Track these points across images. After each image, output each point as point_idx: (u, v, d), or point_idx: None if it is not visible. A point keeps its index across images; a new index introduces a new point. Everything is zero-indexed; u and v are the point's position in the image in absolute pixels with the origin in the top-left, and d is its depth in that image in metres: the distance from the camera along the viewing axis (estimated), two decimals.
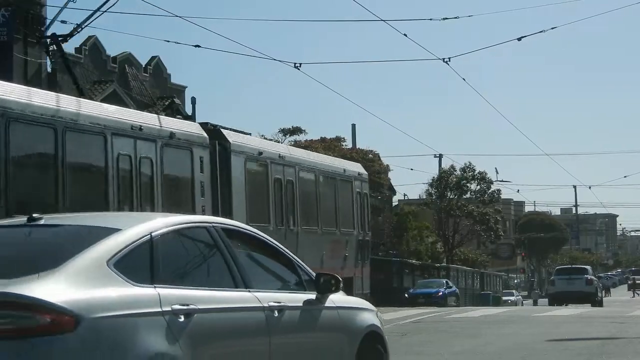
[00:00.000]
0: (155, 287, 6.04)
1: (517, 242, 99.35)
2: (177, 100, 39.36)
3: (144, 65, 41.51)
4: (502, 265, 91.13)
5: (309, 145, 47.67)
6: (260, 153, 21.25)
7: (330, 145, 49.92)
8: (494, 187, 64.84)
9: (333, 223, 25.01)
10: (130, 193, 17.23)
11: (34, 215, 6.56)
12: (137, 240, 6.19)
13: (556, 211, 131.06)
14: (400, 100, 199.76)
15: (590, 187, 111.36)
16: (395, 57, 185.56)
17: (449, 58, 27.49)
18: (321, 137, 52.19)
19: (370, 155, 53.67)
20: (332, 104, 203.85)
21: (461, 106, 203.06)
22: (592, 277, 49.29)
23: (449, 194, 62.85)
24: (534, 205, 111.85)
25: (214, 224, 7.11)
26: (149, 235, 6.29)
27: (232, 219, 17.68)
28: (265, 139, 47.47)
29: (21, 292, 5.30)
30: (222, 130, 20.36)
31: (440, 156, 62.44)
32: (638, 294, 71.58)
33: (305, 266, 8.07)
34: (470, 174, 63.14)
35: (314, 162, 24.54)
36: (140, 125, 17.45)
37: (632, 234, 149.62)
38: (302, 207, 22.90)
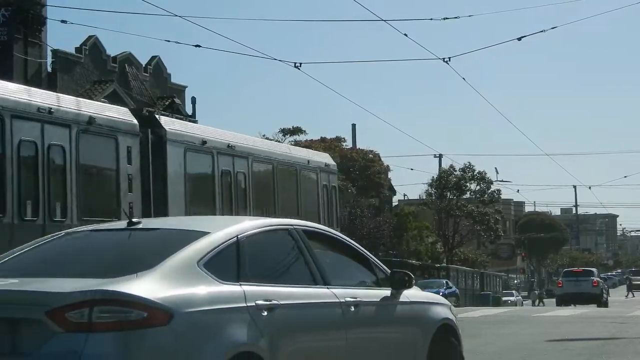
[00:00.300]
0: (240, 285, 6.59)
1: (517, 242, 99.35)
2: (177, 100, 39.36)
3: (144, 65, 41.52)
4: (502, 265, 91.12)
5: (309, 145, 47.67)
6: (204, 142, 18.92)
7: (330, 145, 49.91)
8: (493, 187, 64.90)
9: (294, 217, 23.57)
10: (35, 186, 15.15)
11: (133, 219, 7.27)
12: (225, 242, 6.78)
13: (556, 211, 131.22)
14: (400, 100, 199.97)
15: (590, 187, 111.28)
16: (395, 57, 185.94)
17: (449, 58, 27.44)
18: (321, 137, 52.21)
19: (370, 155, 53.69)
20: (332, 104, 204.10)
21: (461, 106, 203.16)
22: (598, 279, 51.76)
23: (448, 194, 62.86)
24: (534, 205, 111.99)
25: (295, 226, 7.70)
26: (236, 238, 6.89)
27: (167, 213, 16.95)
28: (267, 139, 47.53)
29: (121, 290, 5.86)
30: (157, 116, 18.11)
31: (440, 156, 62.51)
32: (633, 294, 71.82)
33: (381, 264, 8.55)
34: (470, 174, 63.17)
35: (271, 152, 22.15)
36: (50, 108, 15.38)
37: (632, 234, 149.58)
38: (256, 203, 20.72)
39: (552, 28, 41.74)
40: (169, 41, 35.67)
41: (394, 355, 8.18)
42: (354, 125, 56.38)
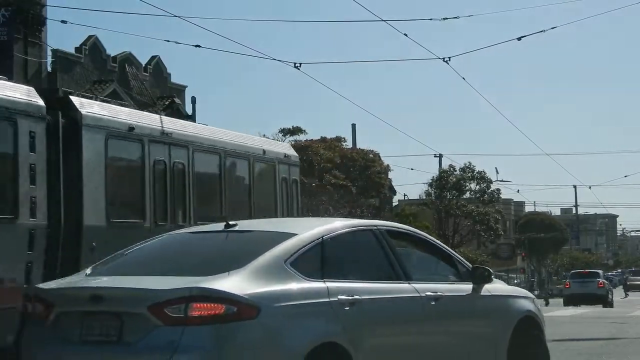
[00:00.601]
0: (324, 282, 7.16)
1: (517, 242, 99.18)
2: (177, 100, 39.39)
3: (144, 65, 41.52)
4: (502, 265, 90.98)
5: (309, 145, 47.62)
6: (132, 128, 16.23)
7: (330, 145, 49.88)
8: (493, 187, 64.87)
9: (246, 216, 19.52)
10: None
11: (229, 222, 7.95)
12: (311, 242, 7.39)
13: (556, 211, 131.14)
14: (400, 100, 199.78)
15: (590, 187, 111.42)
16: (395, 57, 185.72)
17: (449, 58, 27.41)
18: (321, 137, 52.14)
19: (371, 155, 53.63)
20: (332, 104, 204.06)
21: (461, 106, 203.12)
22: (604, 280, 54.19)
23: (448, 194, 62.83)
24: (534, 205, 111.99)
25: (378, 227, 8.31)
26: (321, 238, 7.49)
27: (82, 212, 14.82)
28: (267, 139, 47.50)
29: (214, 287, 6.46)
30: (71, 98, 15.81)
31: (440, 156, 62.45)
32: (627, 295, 72.34)
33: (463, 259, 9.10)
34: (469, 174, 63.14)
35: (218, 141, 19.33)
36: None
37: (632, 234, 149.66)
38: (198, 198, 18.16)
39: (552, 28, 41.92)
40: (169, 41, 35.68)
41: (473, 347, 8.57)
42: (354, 125, 56.32)
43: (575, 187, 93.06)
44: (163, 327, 6.35)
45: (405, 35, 26.85)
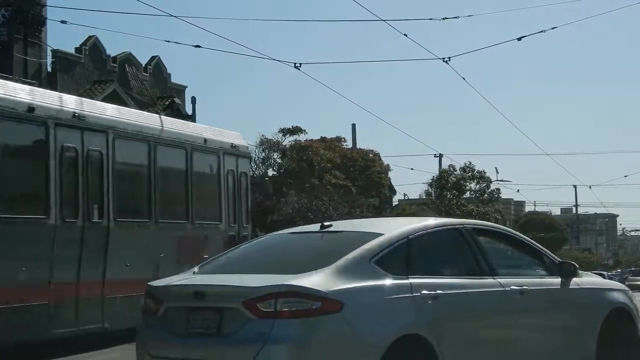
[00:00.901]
0: (408, 278, 7.62)
1: None
2: (177, 100, 39.40)
3: (144, 65, 41.54)
4: None
5: (309, 145, 47.61)
6: (32, 109, 13.92)
7: (330, 145, 49.87)
8: (493, 187, 64.93)
9: (181, 212, 17.82)
10: None
11: (324, 223, 8.59)
12: (396, 242, 7.88)
13: (556, 211, 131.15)
14: (400, 100, 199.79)
15: (590, 187, 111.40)
16: (395, 57, 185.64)
17: (449, 58, 27.39)
18: (321, 137, 52.12)
19: (371, 155, 53.62)
20: (332, 104, 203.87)
21: (461, 106, 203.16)
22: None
23: (447, 193, 62.87)
24: (534, 205, 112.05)
25: (465, 225, 8.77)
26: (406, 238, 7.98)
27: None
28: (266, 139, 47.48)
29: (300, 284, 7.06)
30: None
31: (440, 156, 62.41)
32: None
33: (551, 254, 9.40)
34: (469, 173, 63.19)
35: (146, 127, 16.78)
36: None
37: (632, 234, 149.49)
38: (120, 192, 15.86)
39: (552, 28, 41.89)
40: (169, 41, 35.85)
41: (560, 339, 8.88)
42: (354, 125, 56.26)
43: (575, 187, 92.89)
44: (256, 320, 7.01)
45: (405, 35, 26.90)
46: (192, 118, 32.01)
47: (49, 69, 35.62)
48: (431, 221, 8.69)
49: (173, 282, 8.05)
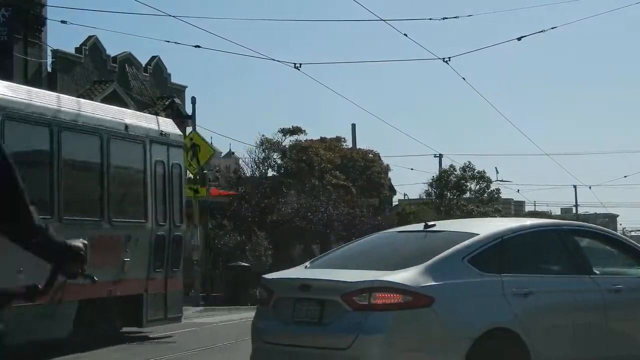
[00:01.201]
0: (500, 276, 8.14)
1: None
2: (177, 100, 39.38)
3: (144, 65, 41.50)
4: None
5: (309, 146, 47.59)
6: None
7: (330, 145, 49.86)
8: (493, 187, 64.93)
9: (95, 209, 15.65)
10: None
11: (428, 223, 9.23)
12: (490, 242, 8.40)
13: (556, 211, 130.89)
14: (400, 100, 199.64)
15: (590, 187, 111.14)
16: (395, 57, 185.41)
17: (449, 58, 27.46)
18: (321, 137, 52.11)
19: (371, 155, 53.60)
20: (332, 104, 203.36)
21: (461, 106, 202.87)
22: None
23: (448, 193, 62.88)
24: (534, 205, 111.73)
25: (561, 226, 9.37)
26: (501, 238, 8.50)
27: None
28: (266, 139, 47.42)
29: (392, 279, 7.77)
30: None
31: (440, 156, 62.44)
32: None
33: None
34: (469, 173, 63.20)
35: (50, 110, 14.57)
36: None
37: (632, 234, 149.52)
38: None
39: (552, 28, 42.10)
40: (169, 41, 35.90)
41: None
42: (354, 125, 56.27)
43: (575, 187, 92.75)
44: (352, 312, 7.76)
45: (405, 35, 27.01)
46: (192, 118, 32.00)
47: (49, 69, 35.61)
48: (528, 222, 9.24)
49: (284, 275, 8.98)
